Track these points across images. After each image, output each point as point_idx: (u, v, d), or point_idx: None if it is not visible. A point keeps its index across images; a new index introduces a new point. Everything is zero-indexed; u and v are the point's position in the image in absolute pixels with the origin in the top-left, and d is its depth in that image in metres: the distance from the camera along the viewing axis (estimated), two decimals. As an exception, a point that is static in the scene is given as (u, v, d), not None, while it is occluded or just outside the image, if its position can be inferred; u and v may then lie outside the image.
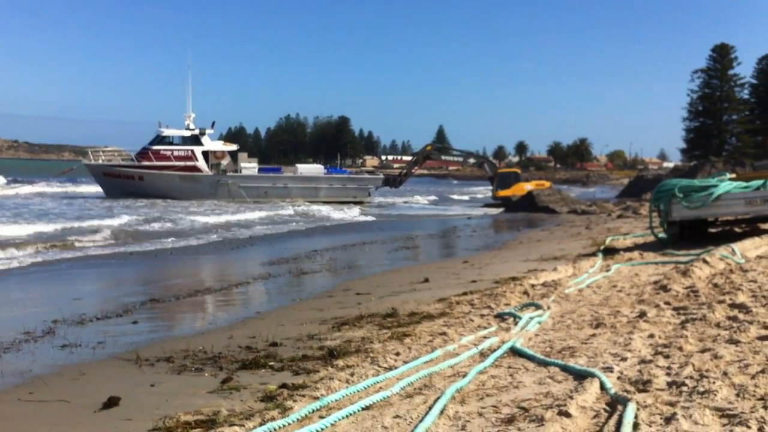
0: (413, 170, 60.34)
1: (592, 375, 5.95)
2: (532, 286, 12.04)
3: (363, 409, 5.54)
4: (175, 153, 52.75)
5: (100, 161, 53.72)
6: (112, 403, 6.55)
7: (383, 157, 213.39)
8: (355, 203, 53.62)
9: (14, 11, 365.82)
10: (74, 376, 7.88)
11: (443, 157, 61.20)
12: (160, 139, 53.23)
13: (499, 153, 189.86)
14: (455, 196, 75.39)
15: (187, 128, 54.13)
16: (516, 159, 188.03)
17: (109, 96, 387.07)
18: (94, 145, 59.65)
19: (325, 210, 45.51)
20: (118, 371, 8.01)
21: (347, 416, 5.37)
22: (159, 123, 54.32)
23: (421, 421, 5.11)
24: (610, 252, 17.40)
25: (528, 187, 54.28)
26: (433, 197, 68.82)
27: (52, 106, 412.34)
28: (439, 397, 5.63)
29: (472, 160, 60.33)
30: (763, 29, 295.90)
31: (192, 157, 52.85)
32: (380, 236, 29.45)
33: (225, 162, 54.57)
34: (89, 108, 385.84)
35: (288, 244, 25.81)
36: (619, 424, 4.77)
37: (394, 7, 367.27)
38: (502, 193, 54.55)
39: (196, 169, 52.90)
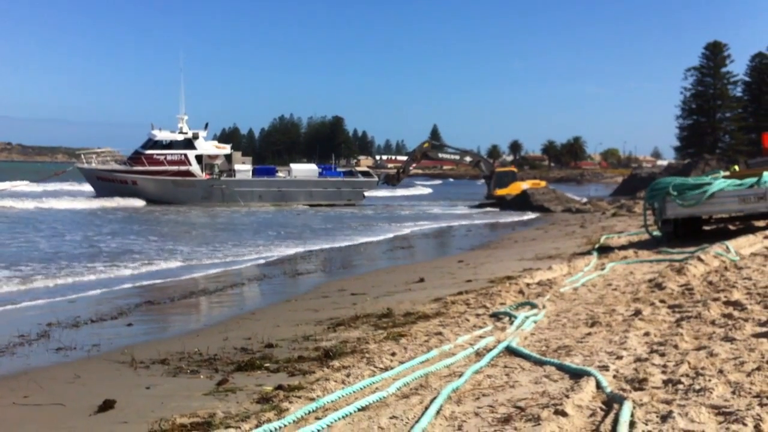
0: (410, 167, 60.36)
1: (588, 374, 5.94)
2: (528, 285, 12.04)
3: (359, 409, 5.52)
4: (168, 157, 52.41)
5: (93, 164, 53.50)
6: (107, 406, 6.52)
7: (377, 157, 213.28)
8: (349, 206, 53.56)
9: (6, 14, 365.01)
10: (69, 379, 7.86)
11: (440, 155, 61.07)
12: (153, 143, 52.89)
13: (494, 152, 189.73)
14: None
15: (180, 131, 53.81)
16: (510, 158, 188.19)
17: (102, 98, 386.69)
18: (87, 146, 59.13)
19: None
20: (114, 374, 7.98)
21: (343, 417, 5.35)
22: (151, 125, 53.97)
23: (417, 422, 5.09)
24: (604, 250, 17.41)
25: (524, 186, 54.47)
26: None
27: (45, 109, 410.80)
28: (435, 398, 5.62)
29: (468, 159, 60.30)
30: (756, 27, 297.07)
31: (185, 161, 52.56)
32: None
33: (219, 162, 54.41)
34: (82, 110, 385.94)
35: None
36: (615, 422, 4.76)
37: (387, 7, 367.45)
38: (500, 192, 54.72)
39: (189, 173, 52.62)
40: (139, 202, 50.34)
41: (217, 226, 34.86)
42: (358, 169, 64.75)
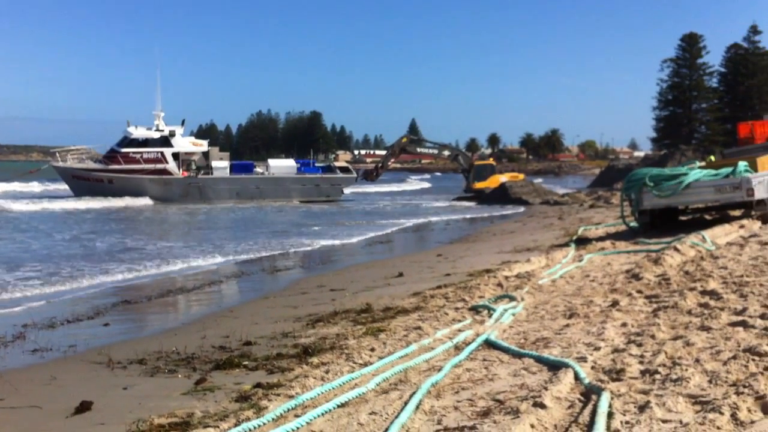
0: (389, 162, 60.19)
1: (566, 365, 5.96)
2: (506, 277, 12.07)
3: (338, 406, 5.51)
4: (145, 155, 51.90)
5: (69, 163, 52.95)
6: (84, 407, 6.46)
7: (356, 152, 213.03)
8: (328, 202, 53.30)
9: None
10: (46, 381, 7.78)
11: (418, 150, 61.01)
12: (129, 141, 52.34)
13: (472, 145, 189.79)
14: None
15: (157, 128, 53.23)
16: (488, 151, 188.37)
17: (77, 95, 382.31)
18: (62, 144, 58.34)
19: None
20: (90, 375, 7.91)
21: (323, 414, 5.33)
22: (127, 122, 53.44)
23: (396, 417, 5.09)
24: (582, 242, 17.50)
25: (503, 179, 54.64)
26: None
27: (18, 107, 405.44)
28: (414, 392, 5.61)
29: (446, 153, 60.37)
30: (732, 18, 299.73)
31: (162, 159, 52.08)
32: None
33: (196, 159, 54.05)
34: (57, 108, 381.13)
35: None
36: (593, 413, 4.78)
37: (365, 2, 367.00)
38: (479, 185, 54.86)
39: (166, 171, 52.14)
40: (147, 201, 50.12)
41: (210, 224, 34.68)
42: (337, 164, 64.19)
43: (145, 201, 50.08)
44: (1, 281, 15.71)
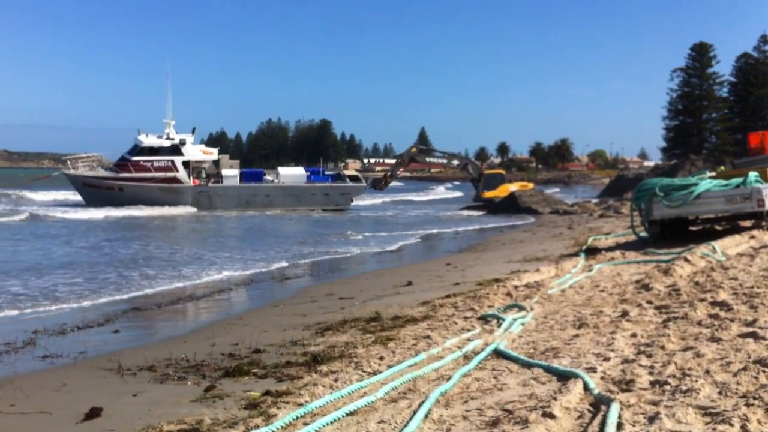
0: (398, 171, 60.16)
1: (576, 376, 5.95)
2: (515, 287, 12.06)
3: (347, 414, 5.52)
4: (155, 164, 52.00)
5: (80, 170, 53.12)
6: (94, 414, 6.48)
7: (365, 160, 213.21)
8: (337, 210, 53.29)
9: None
10: (56, 387, 7.81)
11: (428, 159, 61.04)
12: (140, 149, 52.49)
13: (481, 154, 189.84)
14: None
15: (168, 137, 53.31)
16: (498, 160, 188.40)
17: (89, 102, 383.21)
18: (73, 152, 58.34)
19: None
20: (100, 381, 7.94)
21: (332, 422, 5.34)
22: (138, 131, 53.57)
23: (405, 426, 5.09)
24: (592, 252, 17.46)
25: (512, 188, 54.64)
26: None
27: (30, 114, 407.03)
28: (423, 401, 5.62)
29: (455, 162, 60.34)
30: (742, 27, 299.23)
31: (172, 168, 52.18)
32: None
33: (206, 166, 54.20)
34: (68, 115, 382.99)
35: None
36: (602, 424, 4.77)
37: (374, 12, 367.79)
38: (488, 194, 54.85)
39: (176, 180, 52.24)
40: (190, 209, 50.44)
41: (236, 233, 34.72)
42: (347, 173, 64.11)
43: (188, 209, 50.40)
44: (43, 288, 15.67)
